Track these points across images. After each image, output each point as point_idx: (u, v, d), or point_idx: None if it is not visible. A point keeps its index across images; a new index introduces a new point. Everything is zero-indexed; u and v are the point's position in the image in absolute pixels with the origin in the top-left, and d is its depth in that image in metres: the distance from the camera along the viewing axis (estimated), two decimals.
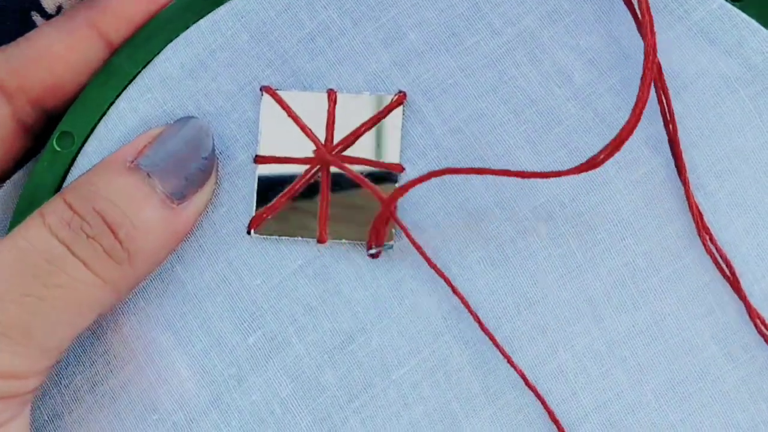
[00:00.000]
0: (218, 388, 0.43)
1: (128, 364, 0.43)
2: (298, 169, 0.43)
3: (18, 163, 0.45)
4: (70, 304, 0.40)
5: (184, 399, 0.43)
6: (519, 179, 0.42)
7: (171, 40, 0.44)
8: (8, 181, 0.45)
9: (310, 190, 0.43)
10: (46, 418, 0.43)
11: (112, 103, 0.44)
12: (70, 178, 0.44)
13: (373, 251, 0.43)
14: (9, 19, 0.50)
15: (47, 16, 0.50)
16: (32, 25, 0.50)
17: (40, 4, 0.50)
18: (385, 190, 0.43)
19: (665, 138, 0.42)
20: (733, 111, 0.42)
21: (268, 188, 0.43)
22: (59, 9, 0.50)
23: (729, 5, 0.42)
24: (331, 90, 0.43)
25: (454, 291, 0.42)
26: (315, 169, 0.43)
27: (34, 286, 0.39)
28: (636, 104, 0.38)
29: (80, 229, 0.40)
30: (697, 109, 0.42)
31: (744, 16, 0.42)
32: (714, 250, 0.41)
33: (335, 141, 0.43)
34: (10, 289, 0.39)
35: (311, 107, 0.43)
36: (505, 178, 0.42)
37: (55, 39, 0.44)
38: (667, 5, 0.42)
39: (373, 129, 0.43)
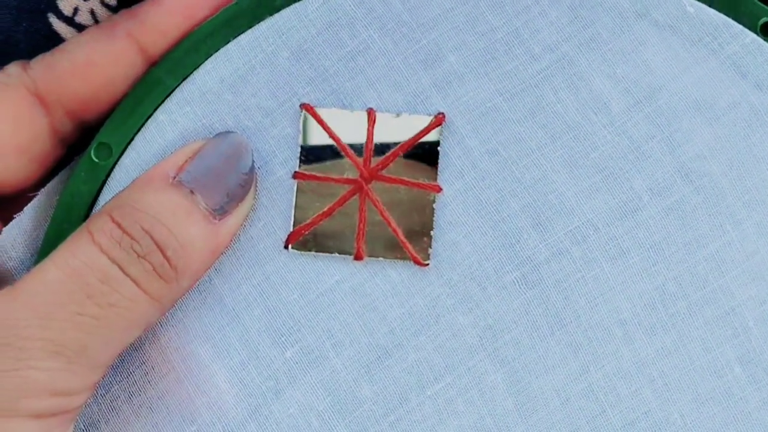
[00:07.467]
0: (256, 401, 0.44)
1: (166, 375, 0.44)
2: (337, 186, 0.44)
3: (51, 172, 0.46)
4: (123, 322, 0.40)
5: (223, 411, 0.44)
6: (555, 201, 0.43)
7: (211, 55, 0.44)
8: (42, 189, 0.45)
9: (348, 208, 0.44)
10: (83, 427, 0.44)
11: (150, 116, 0.44)
12: (107, 189, 0.44)
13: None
14: (24, 20, 0.50)
15: (64, 18, 0.49)
16: (48, 27, 0.49)
17: (57, 6, 0.49)
18: (421, 208, 0.44)
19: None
20: (763, 143, 0.43)
21: (306, 204, 0.44)
22: (76, 11, 0.49)
23: (761, 40, 0.43)
24: (371, 109, 0.44)
25: None
26: (353, 188, 0.44)
27: (89, 306, 0.40)
28: None
29: (131, 249, 0.40)
30: (728, 140, 0.43)
31: None
32: None
33: (373, 160, 0.44)
34: (65, 309, 0.39)
35: (350, 126, 0.44)
36: (540, 201, 0.43)
37: (93, 50, 0.44)
38: (701, 38, 0.43)
39: (412, 149, 0.44)
